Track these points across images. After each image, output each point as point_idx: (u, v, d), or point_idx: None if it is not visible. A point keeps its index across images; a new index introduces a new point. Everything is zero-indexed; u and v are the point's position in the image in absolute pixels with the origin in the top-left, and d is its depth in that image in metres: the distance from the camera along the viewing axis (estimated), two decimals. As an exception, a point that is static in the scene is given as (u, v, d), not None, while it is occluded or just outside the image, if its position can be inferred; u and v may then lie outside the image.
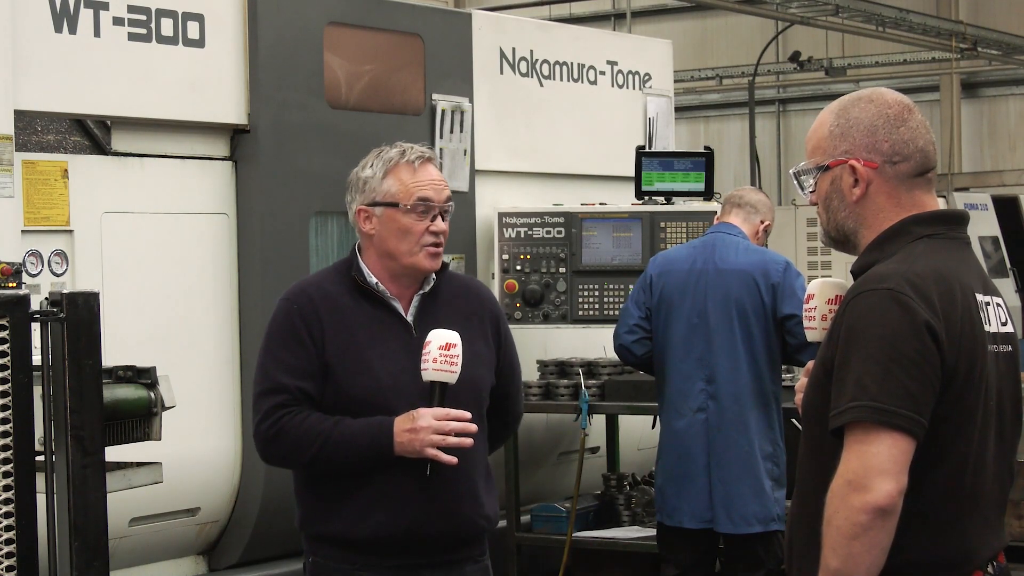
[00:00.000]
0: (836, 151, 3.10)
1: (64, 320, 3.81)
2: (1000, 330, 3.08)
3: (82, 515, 3.80)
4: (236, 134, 6.59)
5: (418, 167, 4.04)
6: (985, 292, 3.07)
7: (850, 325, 2.95)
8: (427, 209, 4.01)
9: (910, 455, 2.87)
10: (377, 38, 7.17)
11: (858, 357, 2.91)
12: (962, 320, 2.95)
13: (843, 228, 3.13)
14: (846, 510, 2.86)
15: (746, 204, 6.58)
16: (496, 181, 7.84)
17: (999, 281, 14.47)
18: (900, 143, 3.07)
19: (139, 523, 6.16)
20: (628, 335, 6.50)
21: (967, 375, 2.94)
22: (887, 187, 3.08)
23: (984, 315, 3.03)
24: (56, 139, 6.21)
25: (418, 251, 4.02)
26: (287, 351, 3.99)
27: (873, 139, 3.07)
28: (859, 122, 3.09)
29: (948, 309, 2.93)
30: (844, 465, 2.89)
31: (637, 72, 8.67)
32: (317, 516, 4.03)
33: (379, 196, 4.04)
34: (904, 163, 3.07)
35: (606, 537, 7.47)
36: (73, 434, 3.80)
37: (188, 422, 5.94)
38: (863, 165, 3.07)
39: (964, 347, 2.94)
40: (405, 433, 3.90)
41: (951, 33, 18.22)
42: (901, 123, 3.08)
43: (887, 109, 3.08)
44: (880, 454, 2.85)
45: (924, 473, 2.92)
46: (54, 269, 5.93)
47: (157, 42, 6.20)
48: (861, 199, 3.09)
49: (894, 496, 2.84)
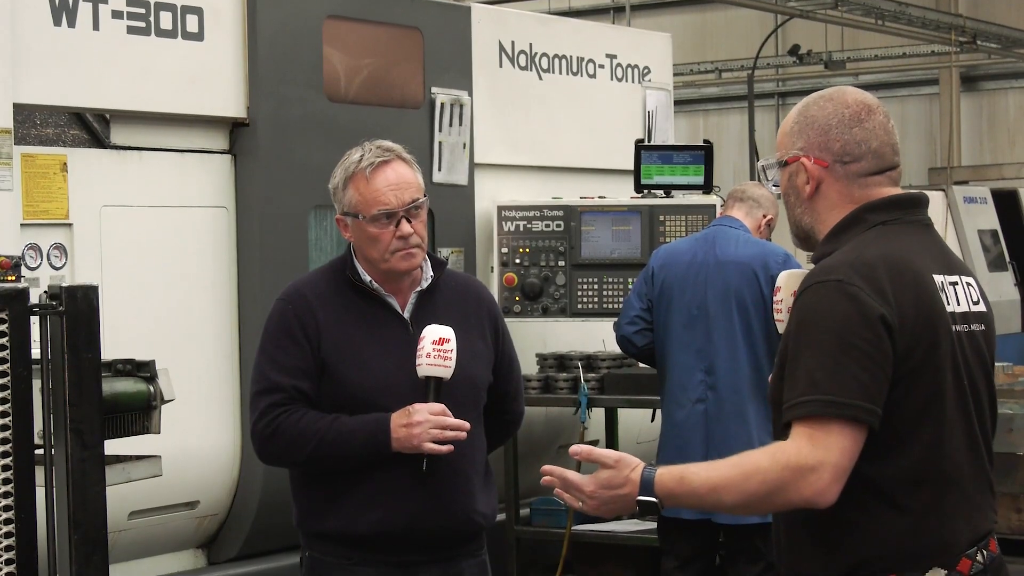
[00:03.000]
0: (793, 147, 3.15)
1: (63, 313, 3.81)
2: (971, 309, 3.08)
3: (81, 508, 3.81)
4: (235, 127, 6.58)
5: (371, 174, 3.98)
6: (949, 272, 3.08)
7: (800, 318, 2.98)
8: (389, 215, 3.99)
9: (861, 445, 2.89)
10: (376, 31, 7.17)
11: (808, 350, 2.93)
12: (916, 305, 2.95)
13: (801, 224, 3.17)
14: (777, 483, 2.89)
15: (748, 198, 6.60)
16: (495, 174, 7.84)
17: (998, 275, 14.47)
18: (852, 143, 3.09)
19: (138, 516, 6.16)
20: (629, 326, 6.53)
21: (925, 359, 2.95)
22: (838, 184, 3.10)
23: (945, 296, 3.02)
24: (55, 132, 6.21)
25: (390, 256, 4.00)
26: (283, 351, 3.99)
27: (826, 138, 3.10)
28: (815, 120, 3.12)
29: (899, 295, 2.94)
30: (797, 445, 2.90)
31: (636, 65, 8.66)
32: (314, 514, 4.03)
33: (345, 206, 4.03)
34: (855, 163, 3.09)
35: (605, 531, 7.47)
36: (72, 427, 3.81)
37: (187, 415, 5.94)
38: (813, 163, 3.10)
39: (920, 332, 2.94)
40: (402, 429, 3.90)
41: (950, 26, 18.22)
42: (856, 123, 3.09)
43: (844, 109, 3.11)
44: (843, 450, 2.87)
45: (889, 464, 2.93)
46: (53, 262, 5.93)
47: (156, 35, 6.20)
48: (813, 195, 3.12)
49: (832, 500, 2.88)
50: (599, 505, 3.11)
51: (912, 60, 20.82)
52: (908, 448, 2.94)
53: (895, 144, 3.13)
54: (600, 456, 3.12)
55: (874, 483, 2.94)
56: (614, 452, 3.12)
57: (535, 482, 7.92)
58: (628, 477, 3.06)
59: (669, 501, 3.03)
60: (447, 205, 7.30)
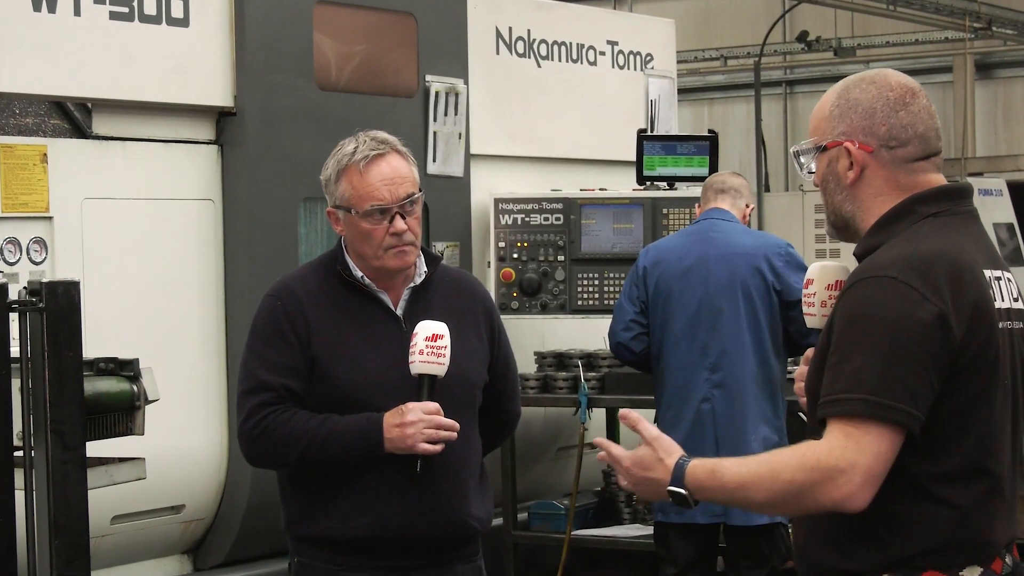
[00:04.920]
0: (834, 132, 3.12)
1: (43, 310, 3.81)
2: (1013, 306, 3.09)
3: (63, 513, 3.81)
4: (222, 117, 6.58)
5: (366, 167, 3.98)
6: (995, 267, 3.08)
7: (849, 313, 2.97)
8: (383, 211, 3.99)
9: (896, 450, 2.89)
10: (368, 17, 7.17)
11: (858, 347, 2.92)
12: (972, 302, 2.96)
13: (841, 212, 3.14)
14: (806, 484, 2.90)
15: (731, 188, 6.59)
16: (492, 166, 7.84)
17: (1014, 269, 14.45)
18: (898, 127, 3.07)
19: (122, 521, 6.16)
20: (625, 332, 6.49)
21: (979, 357, 2.95)
22: (884, 171, 3.09)
23: (994, 292, 3.03)
24: (35, 122, 6.21)
25: (383, 253, 4.00)
26: (271, 348, 4.00)
27: (871, 122, 3.08)
28: (858, 103, 3.10)
29: (955, 292, 2.94)
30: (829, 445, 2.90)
31: (638, 52, 8.66)
32: (303, 517, 4.04)
33: (337, 200, 4.03)
34: (901, 148, 3.08)
35: (606, 535, 7.48)
36: (53, 428, 3.81)
37: (172, 416, 5.94)
38: (858, 148, 3.08)
39: (974, 330, 2.95)
40: (395, 428, 3.90)
41: (965, 12, 18.21)
42: (902, 107, 3.08)
43: (888, 92, 3.09)
44: (869, 450, 2.87)
45: (938, 462, 2.94)
46: (33, 257, 5.93)
47: (140, 21, 6.20)
48: (856, 182, 3.10)
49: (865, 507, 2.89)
50: (633, 484, 3.12)
51: (925, 47, 20.82)
52: (957, 446, 2.96)
53: (938, 128, 3.13)
54: (642, 429, 3.13)
55: (920, 479, 2.95)
56: (655, 430, 3.12)
57: (533, 485, 7.97)
58: (661, 460, 3.06)
59: (700, 494, 3.03)
60: (442, 197, 7.30)
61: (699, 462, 3.04)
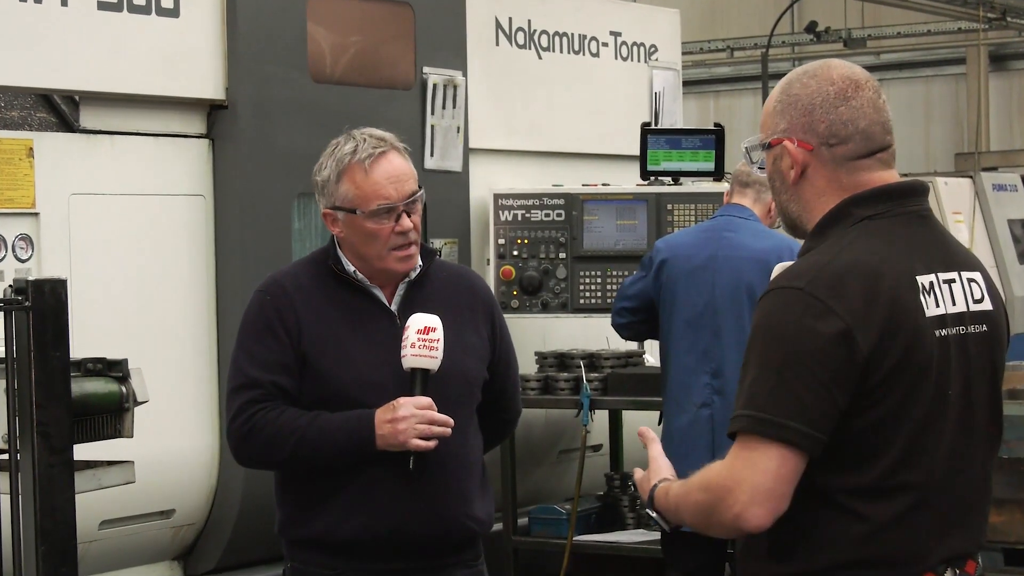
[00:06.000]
0: (776, 129, 3.07)
1: (30, 309, 3.81)
2: (970, 308, 3.01)
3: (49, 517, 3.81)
4: (213, 110, 6.58)
5: (371, 165, 3.99)
6: (946, 268, 3.01)
7: (755, 324, 2.95)
8: (390, 210, 3.99)
9: (799, 471, 2.85)
10: (364, 7, 7.17)
11: (755, 361, 2.91)
12: (888, 315, 2.88)
13: (787, 212, 3.11)
14: (705, 504, 2.91)
15: (754, 182, 6.51)
16: (491, 160, 7.84)
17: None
18: (838, 123, 3.01)
19: (110, 526, 6.17)
20: (618, 316, 6.57)
21: (897, 370, 2.88)
22: (825, 170, 3.03)
23: (930, 298, 2.95)
24: (21, 115, 6.21)
25: (387, 254, 4.01)
26: (260, 345, 4.00)
27: (810, 119, 3.02)
28: (798, 99, 3.04)
29: (869, 304, 2.87)
30: (724, 463, 2.90)
31: (642, 44, 8.67)
32: (297, 519, 4.04)
33: (338, 200, 4.03)
34: (841, 145, 3.01)
35: (609, 541, 7.48)
36: (40, 431, 3.81)
37: (162, 418, 5.94)
38: (797, 146, 3.03)
39: (889, 344, 2.88)
40: (386, 424, 3.90)
41: (978, 2, 18.23)
42: (842, 101, 3.01)
43: (829, 86, 3.02)
44: (766, 471, 2.84)
45: (856, 474, 2.90)
46: (19, 254, 5.93)
47: (129, 12, 6.20)
48: (799, 181, 3.05)
49: (763, 526, 2.87)
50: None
51: (937, 38, 20.84)
52: (874, 460, 2.90)
53: (886, 122, 3.05)
54: (648, 449, 3.18)
55: (834, 493, 2.91)
56: (656, 449, 3.14)
57: (534, 489, 7.97)
58: (648, 482, 3.10)
59: (667, 516, 3.06)
60: (440, 193, 7.30)
61: (664, 484, 3.07)
